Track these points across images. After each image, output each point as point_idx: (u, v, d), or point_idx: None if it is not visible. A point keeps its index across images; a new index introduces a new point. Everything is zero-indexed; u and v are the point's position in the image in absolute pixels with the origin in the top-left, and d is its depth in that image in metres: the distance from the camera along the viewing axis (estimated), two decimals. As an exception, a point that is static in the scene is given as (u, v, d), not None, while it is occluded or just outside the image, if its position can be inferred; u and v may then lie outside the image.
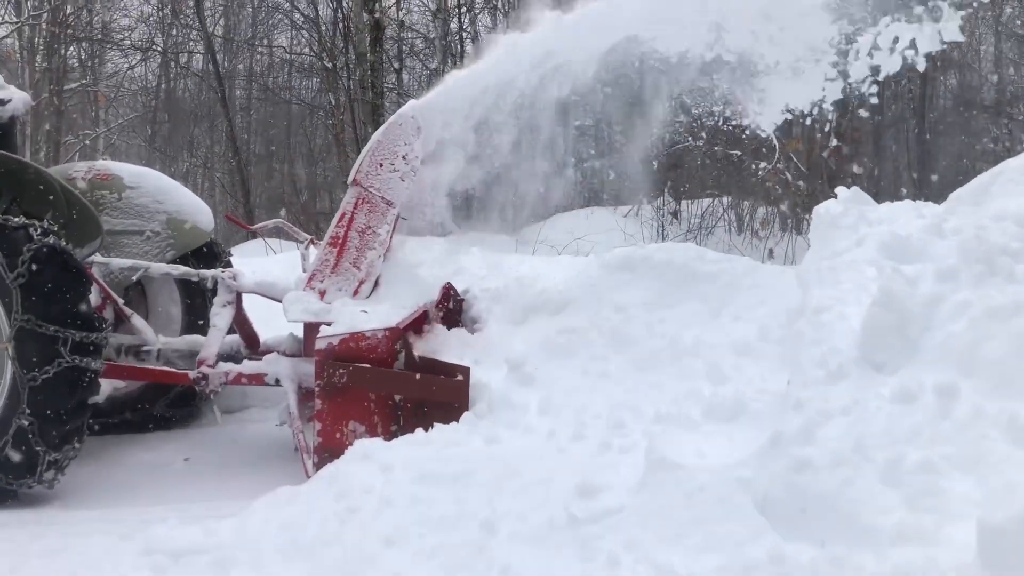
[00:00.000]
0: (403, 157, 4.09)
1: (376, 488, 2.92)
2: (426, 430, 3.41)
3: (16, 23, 20.18)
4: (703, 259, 4.69)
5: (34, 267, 3.60)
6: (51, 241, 3.67)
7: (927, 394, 2.50)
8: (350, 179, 4.13)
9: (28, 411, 3.57)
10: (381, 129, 4.18)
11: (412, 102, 4.27)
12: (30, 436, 3.56)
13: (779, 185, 11.94)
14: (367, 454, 3.13)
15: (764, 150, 12.26)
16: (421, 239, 7.54)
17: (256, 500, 3.15)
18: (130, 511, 3.55)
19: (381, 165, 4.06)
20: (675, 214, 13.06)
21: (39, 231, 3.66)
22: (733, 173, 13.22)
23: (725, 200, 12.95)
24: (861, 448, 2.39)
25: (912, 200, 4.06)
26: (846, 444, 2.41)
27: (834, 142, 11.43)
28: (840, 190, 3.94)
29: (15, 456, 3.59)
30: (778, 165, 11.67)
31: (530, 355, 3.98)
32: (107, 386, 4.19)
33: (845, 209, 3.66)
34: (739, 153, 12.63)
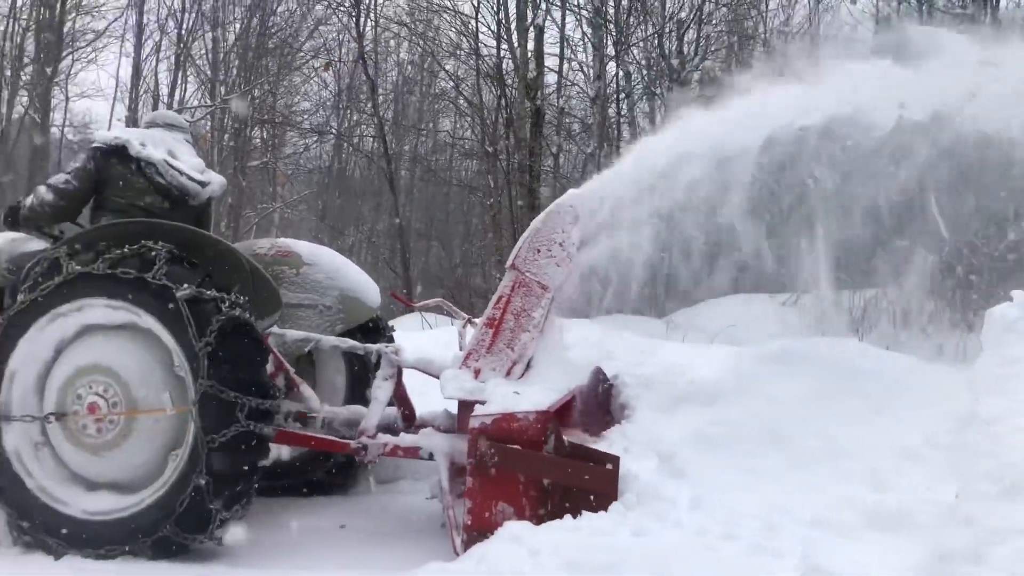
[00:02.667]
0: (560, 244, 4.18)
1: (524, 572, 2.95)
2: (574, 516, 3.42)
3: (210, 107, 22.15)
4: (865, 355, 4.56)
5: (221, 337, 3.90)
6: (237, 313, 3.98)
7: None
8: (508, 263, 4.25)
9: (205, 471, 3.83)
10: (540, 216, 4.29)
11: (571, 191, 4.38)
12: (206, 495, 3.81)
13: (950, 279, 11.36)
14: (516, 537, 3.17)
15: (932, 241, 11.73)
16: (572, 322, 7.65)
17: (409, 573, 3.24)
18: (290, 573, 3.72)
19: (538, 251, 4.16)
20: (836, 305, 12.60)
21: (227, 304, 3.98)
22: (899, 264, 12.69)
23: (890, 292, 12.41)
24: (1038, 572, 2.25)
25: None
26: (1020, 567, 2.27)
27: (1012, 236, 10.83)
28: (1017, 293, 3.75)
29: (190, 513, 3.85)
30: (947, 258, 11.13)
31: (680, 447, 3.94)
32: (275, 450, 4.45)
33: (1022, 313, 3.48)
34: (905, 243, 12.14)
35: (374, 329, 5.20)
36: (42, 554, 3.93)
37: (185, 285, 3.92)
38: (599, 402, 4.76)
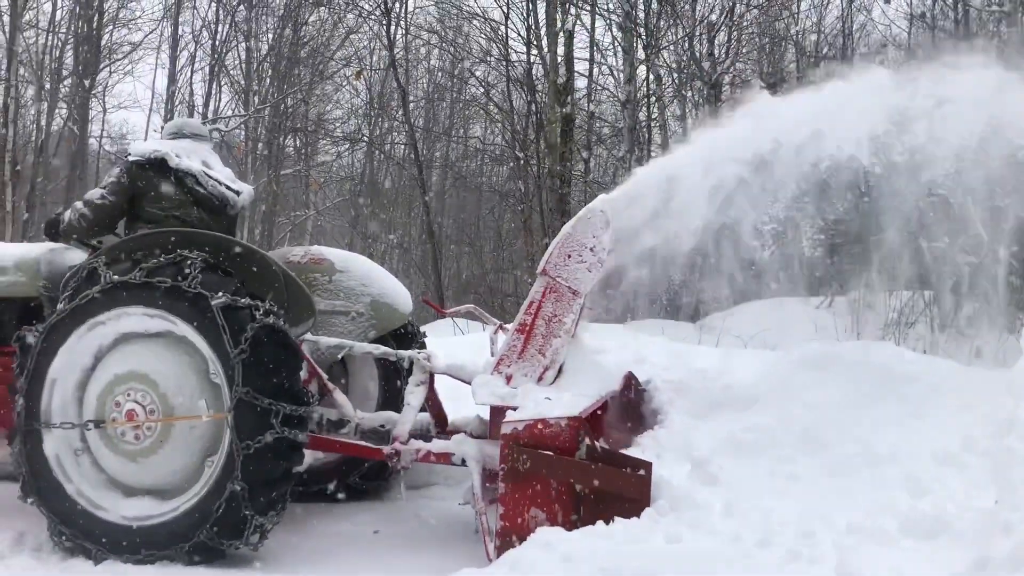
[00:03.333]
0: (591, 249, 4.17)
1: (557, 578, 2.95)
2: (606, 522, 3.40)
3: (244, 116, 22.42)
4: (902, 359, 4.49)
5: (255, 344, 3.94)
6: (271, 321, 4.02)
7: None
8: (539, 269, 4.24)
9: (240, 476, 3.87)
10: (571, 222, 4.27)
11: (602, 196, 4.37)
12: (241, 500, 3.85)
13: (988, 281, 11.17)
14: (548, 543, 3.17)
15: (972, 242, 11.56)
16: (605, 327, 7.63)
17: (439, 580, 3.26)
18: (320, 579, 3.75)
19: (569, 256, 4.15)
20: (872, 307, 12.44)
21: (261, 311, 4.03)
22: (937, 265, 12.51)
23: (927, 294, 12.23)
24: (1082, 581, 2.20)
25: None
26: (1064, 576, 2.23)
27: (1052, 236, 10.62)
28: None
29: (226, 518, 3.89)
30: (987, 259, 10.95)
31: (714, 452, 3.91)
32: (309, 456, 4.48)
33: (1063, 316, 3.41)
34: (942, 244, 11.96)
35: (406, 335, 5.23)
36: (82, 559, 3.99)
37: (220, 293, 3.96)
38: (631, 408, 4.74)
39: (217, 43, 23.21)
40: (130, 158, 4.66)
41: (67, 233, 4.75)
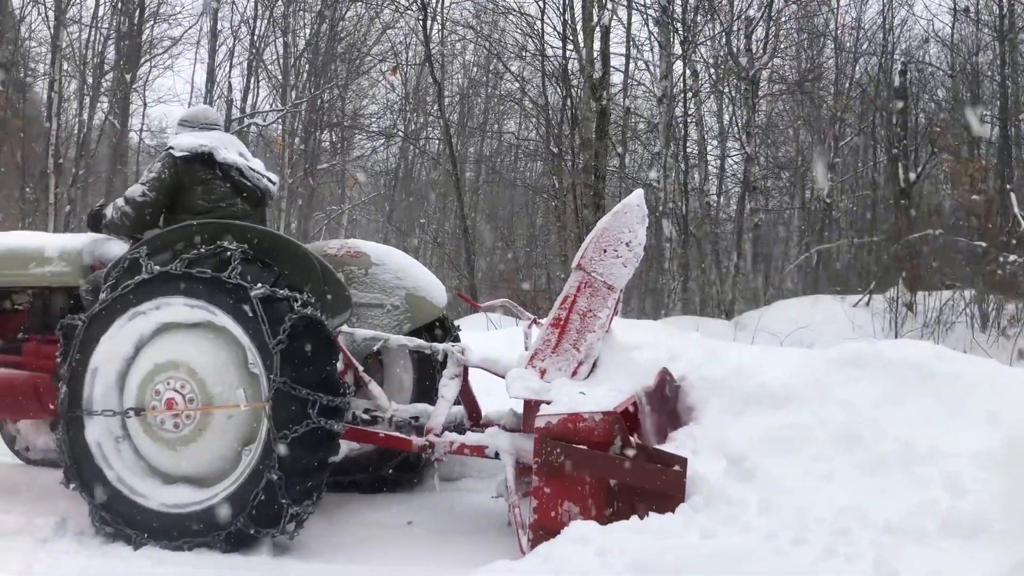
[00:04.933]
0: (627, 244, 4.13)
1: (590, 572, 2.94)
2: (640, 518, 3.40)
3: (281, 111, 22.63)
4: (941, 358, 4.41)
5: (293, 335, 3.99)
6: (309, 312, 4.06)
7: None
8: (574, 263, 4.21)
9: (277, 466, 3.91)
10: (607, 216, 4.23)
11: (639, 191, 4.34)
12: (277, 489, 3.90)
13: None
14: (583, 537, 3.17)
15: (1014, 241, 11.36)
16: (638, 322, 7.59)
17: (475, 570, 3.27)
18: (359, 568, 3.77)
19: (605, 251, 4.11)
20: (910, 307, 12.28)
21: (299, 303, 4.07)
22: (977, 265, 12.31)
23: (967, 294, 12.04)
24: None
25: None
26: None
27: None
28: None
29: (263, 507, 3.94)
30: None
31: (749, 449, 3.87)
32: (343, 447, 4.52)
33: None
34: (983, 244, 11.78)
35: (441, 328, 5.25)
36: (122, 544, 4.07)
37: (259, 284, 4.01)
38: (665, 404, 4.72)
39: (255, 38, 23.43)
40: (174, 152, 4.68)
41: (110, 229, 4.82)
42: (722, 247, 18.25)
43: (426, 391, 5.10)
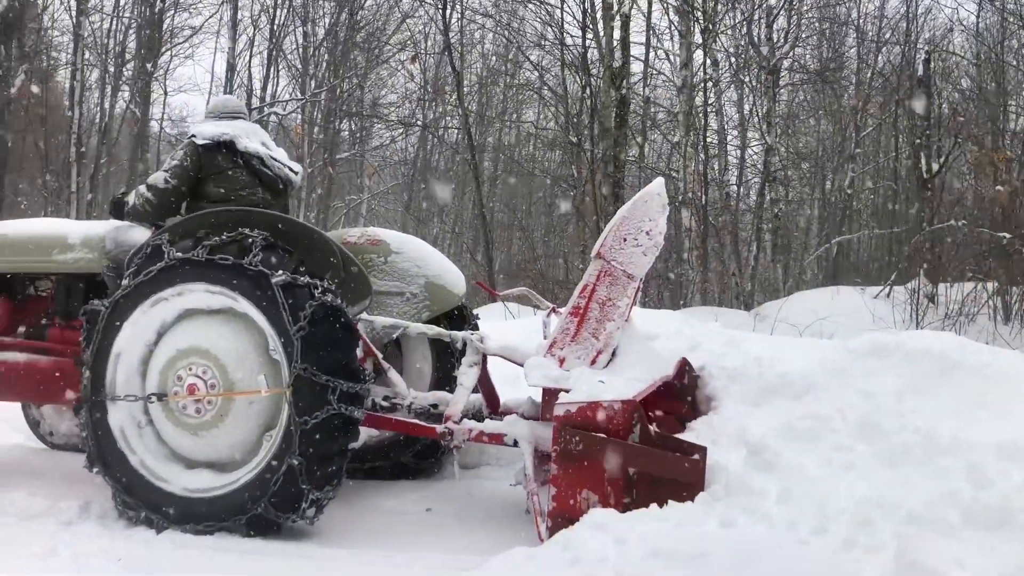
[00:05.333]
0: (647, 232, 4.10)
1: (610, 558, 2.94)
2: (660, 506, 3.39)
3: (300, 100, 22.69)
4: (964, 349, 4.37)
5: (314, 322, 4.00)
6: (329, 299, 4.08)
7: None
8: (594, 252, 4.18)
9: (298, 451, 3.94)
10: (627, 205, 4.18)
11: (659, 179, 4.31)
12: (298, 475, 3.92)
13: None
14: (602, 524, 3.17)
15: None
16: (657, 312, 7.57)
17: (494, 557, 3.28)
18: (378, 554, 3.79)
19: (625, 240, 4.08)
20: (932, 298, 12.17)
21: (320, 290, 4.08)
22: (1000, 256, 12.18)
23: (990, 286, 11.92)
24: None
25: None
26: None
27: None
28: None
29: (283, 492, 3.97)
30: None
31: (769, 439, 3.86)
32: (363, 434, 4.54)
33: None
34: (1007, 236, 11.65)
35: (459, 317, 5.26)
36: (144, 528, 4.10)
37: (280, 272, 4.03)
38: (684, 394, 4.71)
39: (275, 27, 23.48)
40: (197, 141, 4.72)
41: (132, 216, 4.86)
42: (741, 238, 18.15)
43: (444, 379, 5.11)
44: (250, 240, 4.13)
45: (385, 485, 5.04)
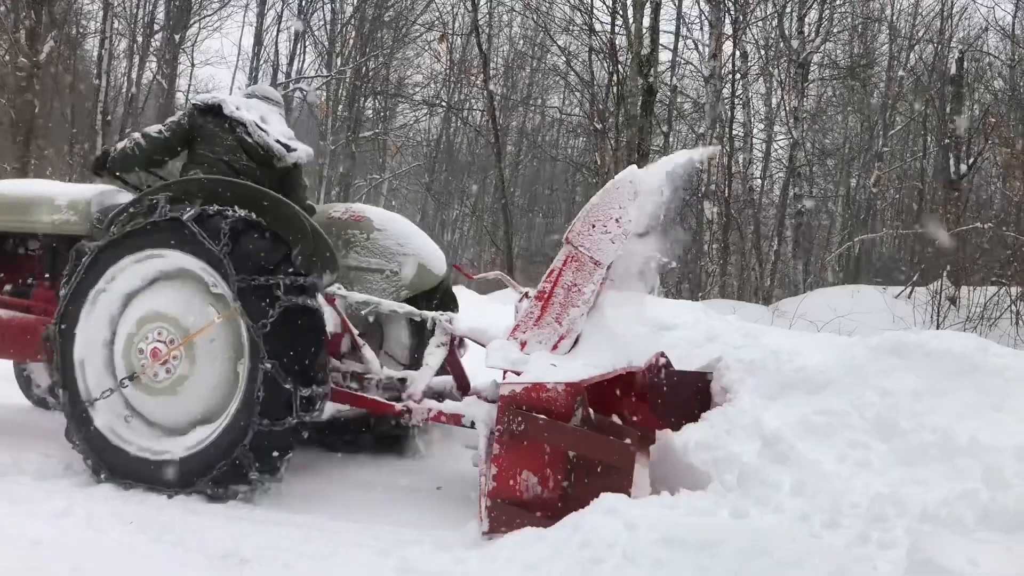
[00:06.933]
0: (616, 220, 3.99)
1: (620, 543, 2.93)
2: (594, 491, 3.38)
3: (326, 77, 22.68)
4: (986, 351, 4.32)
5: (235, 236, 4.11)
6: (243, 215, 4.18)
7: None
8: (564, 237, 4.13)
9: (268, 355, 3.99)
10: (599, 192, 4.13)
11: (631, 168, 4.24)
12: (278, 377, 3.97)
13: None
14: (612, 509, 3.16)
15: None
16: (677, 302, 7.52)
17: (503, 537, 3.28)
18: (387, 529, 3.80)
19: (593, 226, 4.00)
20: (953, 300, 12.05)
21: (231, 213, 4.15)
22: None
23: (1013, 290, 11.79)
24: None
25: None
26: None
27: None
28: None
29: (271, 401, 4.00)
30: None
31: (784, 432, 3.84)
32: (333, 408, 4.55)
33: None
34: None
35: (445, 297, 5.25)
36: (155, 494, 4.12)
37: (187, 207, 4.14)
38: (657, 387, 4.69)
39: (303, 3, 23.47)
40: (193, 102, 4.92)
41: (116, 161, 4.94)
42: (763, 232, 18.03)
43: (421, 359, 5.08)
44: (154, 199, 4.22)
45: (397, 463, 5.07)
